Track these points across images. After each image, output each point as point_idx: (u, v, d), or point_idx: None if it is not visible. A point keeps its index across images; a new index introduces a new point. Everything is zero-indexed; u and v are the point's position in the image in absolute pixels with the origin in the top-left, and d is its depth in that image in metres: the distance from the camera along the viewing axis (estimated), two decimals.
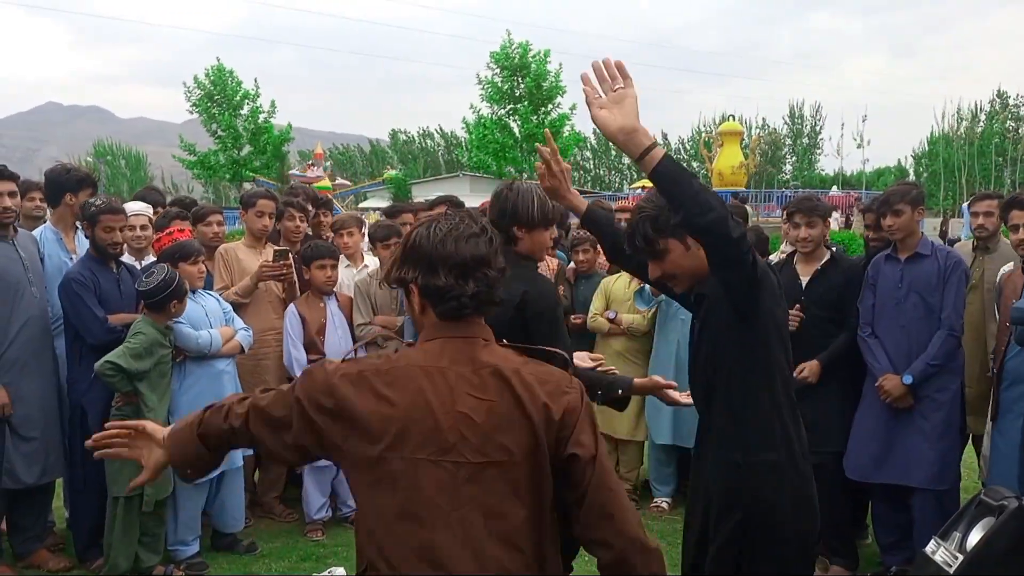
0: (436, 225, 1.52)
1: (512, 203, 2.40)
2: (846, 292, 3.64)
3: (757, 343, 2.04)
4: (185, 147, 31.37)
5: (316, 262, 4.11)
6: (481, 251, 1.50)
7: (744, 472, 2.04)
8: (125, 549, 3.38)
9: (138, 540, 3.46)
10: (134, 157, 51.48)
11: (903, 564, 3.46)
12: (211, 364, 3.63)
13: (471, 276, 1.48)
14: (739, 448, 2.05)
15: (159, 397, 3.42)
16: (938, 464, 3.35)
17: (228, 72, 31.14)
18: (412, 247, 1.52)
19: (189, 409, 3.52)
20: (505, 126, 28.87)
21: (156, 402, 3.39)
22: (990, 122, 37.28)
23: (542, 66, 28.51)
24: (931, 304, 3.39)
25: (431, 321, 1.52)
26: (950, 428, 3.39)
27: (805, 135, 45.94)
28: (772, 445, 2.03)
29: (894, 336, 3.46)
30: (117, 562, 3.37)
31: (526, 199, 2.40)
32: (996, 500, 2.94)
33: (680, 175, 1.80)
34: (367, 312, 4.35)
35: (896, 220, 3.45)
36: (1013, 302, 3.17)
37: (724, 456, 2.08)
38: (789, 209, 3.74)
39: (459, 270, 1.47)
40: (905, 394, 3.38)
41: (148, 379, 3.36)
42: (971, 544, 2.91)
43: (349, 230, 4.74)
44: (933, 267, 3.41)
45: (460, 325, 1.50)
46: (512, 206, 2.40)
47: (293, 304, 4.15)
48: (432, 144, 56.41)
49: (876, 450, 3.45)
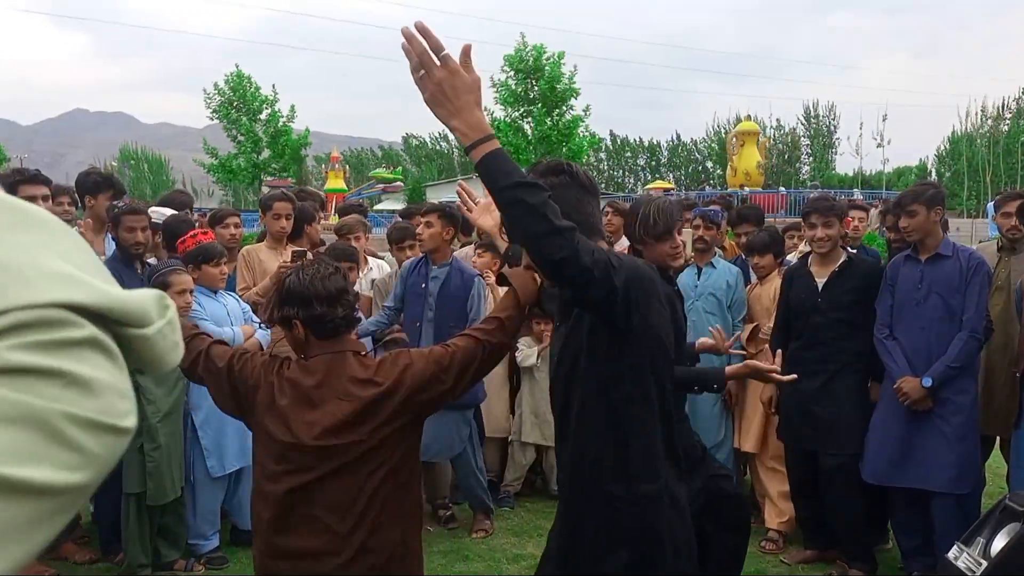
0: (302, 272, 1.98)
1: (642, 215, 2.51)
2: (866, 294, 3.60)
3: (634, 363, 1.77)
4: (208, 151, 31.76)
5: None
6: (341, 284, 1.99)
7: (625, 506, 1.77)
8: (141, 544, 3.42)
9: (157, 535, 3.52)
10: (157, 161, 52.14)
11: (925, 570, 3.39)
12: None
13: (338, 303, 1.96)
14: (619, 479, 1.78)
15: (166, 391, 3.42)
16: (958, 467, 3.29)
17: (247, 78, 31.48)
18: (288, 291, 1.97)
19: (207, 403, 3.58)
20: (519, 128, 28.86)
21: (160, 396, 3.39)
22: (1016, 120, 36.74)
23: (556, 68, 28.47)
24: (952, 306, 3.32)
25: (312, 343, 1.99)
26: (970, 431, 3.33)
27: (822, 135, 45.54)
28: (654, 475, 1.78)
29: (913, 337, 3.40)
30: (134, 556, 3.43)
31: (647, 212, 2.50)
32: (1021, 505, 2.88)
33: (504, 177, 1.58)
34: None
35: (911, 221, 3.39)
36: None
37: (600, 488, 1.80)
38: (805, 209, 3.71)
39: (329, 301, 1.95)
40: (924, 397, 3.32)
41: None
42: (995, 550, 2.86)
43: (356, 235, 4.77)
44: (955, 268, 3.34)
45: (336, 342, 1.99)
46: (641, 217, 2.51)
47: None
48: (447, 147, 56.60)
49: (894, 453, 3.40)
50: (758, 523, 4.27)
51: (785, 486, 3.94)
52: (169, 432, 3.42)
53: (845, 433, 3.54)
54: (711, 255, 4.37)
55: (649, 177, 49.67)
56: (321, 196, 5.87)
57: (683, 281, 4.37)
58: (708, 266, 4.34)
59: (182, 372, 2.11)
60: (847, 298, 3.58)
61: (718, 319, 4.27)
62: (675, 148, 54.91)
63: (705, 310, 4.28)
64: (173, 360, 0.62)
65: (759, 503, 4.31)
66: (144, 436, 3.35)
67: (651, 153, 55.95)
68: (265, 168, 31.55)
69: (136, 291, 0.58)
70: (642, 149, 56.30)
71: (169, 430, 3.42)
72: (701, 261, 4.37)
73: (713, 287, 4.29)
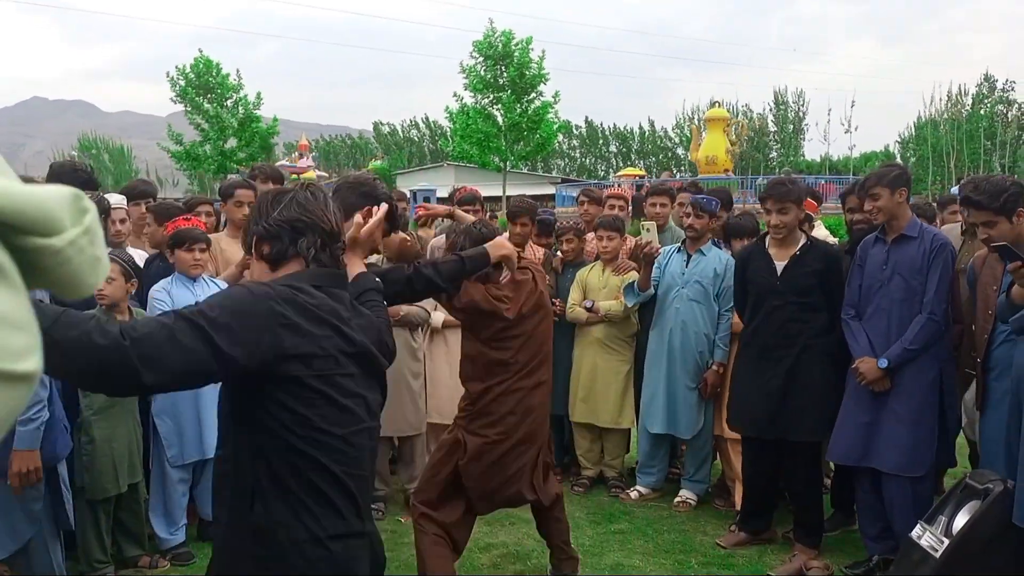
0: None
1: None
2: (826, 277, 3.60)
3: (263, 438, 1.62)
4: (173, 137, 31.09)
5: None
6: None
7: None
8: (96, 540, 3.33)
9: (116, 531, 3.45)
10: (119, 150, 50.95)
11: (886, 553, 3.42)
12: None
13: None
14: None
15: None
16: (911, 450, 3.29)
17: (213, 64, 30.86)
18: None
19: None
20: (488, 115, 28.69)
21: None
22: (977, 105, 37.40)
23: (525, 54, 28.30)
24: (913, 287, 3.33)
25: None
26: (926, 413, 3.31)
27: (790, 121, 45.96)
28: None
29: (876, 319, 3.42)
30: (88, 552, 3.34)
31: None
32: (982, 484, 2.93)
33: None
34: None
35: (874, 203, 3.41)
36: (994, 289, 3.12)
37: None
38: (761, 195, 3.68)
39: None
40: (881, 378, 3.33)
41: None
42: (957, 528, 2.90)
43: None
44: (919, 250, 3.35)
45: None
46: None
47: None
48: (417, 134, 56.11)
49: (857, 435, 3.41)
50: (727, 506, 4.31)
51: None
52: (110, 427, 3.31)
53: (814, 419, 3.55)
54: (702, 243, 4.35)
55: (620, 165, 49.75)
56: (279, 171, 5.72)
57: (671, 267, 4.36)
58: (698, 253, 4.33)
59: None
60: (807, 282, 3.58)
61: (704, 307, 4.27)
62: (645, 136, 55.05)
63: (691, 298, 4.26)
64: (93, 282, 0.49)
65: (729, 486, 4.34)
66: (80, 430, 3.27)
67: (622, 140, 56.04)
68: (232, 157, 31.00)
69: (43, 187, 0.45)
70: (614, 136, 56.37)
71: (109, 424, 3.32)
72: (691, 248, 4.36)
73: (700, 275, 4.27)
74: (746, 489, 3.90)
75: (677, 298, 4.28)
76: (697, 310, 4.24)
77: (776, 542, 3.85)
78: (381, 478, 4.33)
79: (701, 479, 4.42)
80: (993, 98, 38.99)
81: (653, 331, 4.40)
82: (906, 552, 3.04)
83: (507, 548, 3.75)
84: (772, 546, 3.82)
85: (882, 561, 3.43)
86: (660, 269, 4.32)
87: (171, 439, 3.56)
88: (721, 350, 4.21)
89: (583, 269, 4.65)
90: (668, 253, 4.38)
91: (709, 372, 4.22)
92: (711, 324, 4.24)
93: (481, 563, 3.59)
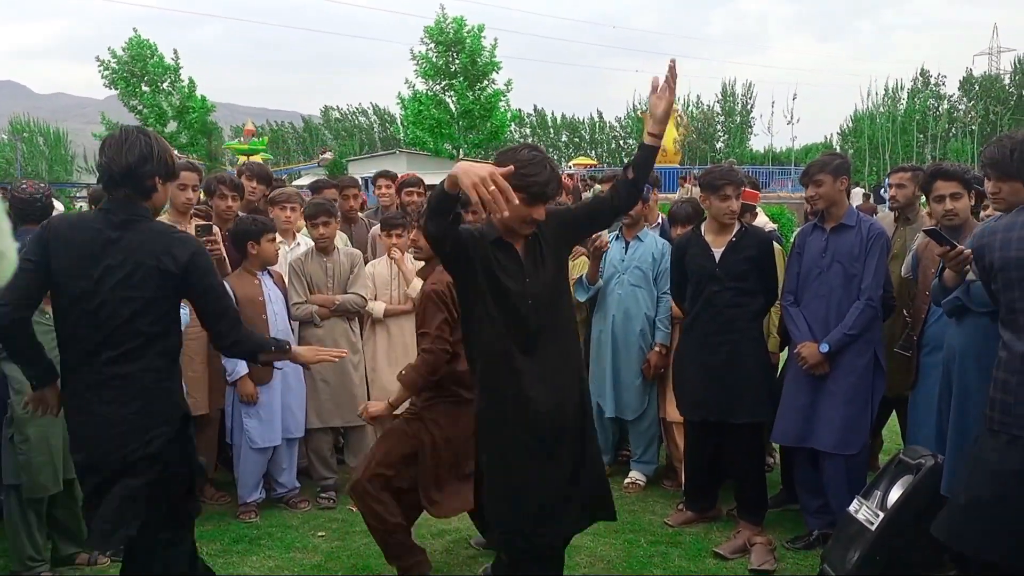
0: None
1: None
2: (760, 262, 3.70)
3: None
4: (107, 124, 29.94)
5: (267, 235, 4.04)
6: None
7: None
8: (28, 538, 3.22)
9: (51, 528, 3.35)
10: (53, 135, 48.87)
11: (825, 528, 3.56)
12: None
13: None
14: None
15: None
16: (844, 430, 3.43)
17: (148, 45, 29.77)
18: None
19: None
20: (440, 102, 28.49)
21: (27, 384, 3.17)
22: (911, 100, 38.70)
23: (477, 41, 28.18)
24: (852, 274, 3.45)
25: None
26: (859, 395, 3.45)
27: (737, 113, 46.84)
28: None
29: (816, 305, 3.53)
30: (20, 550, 3.22)
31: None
32: (914, 459, 3.07)
33: None
34: (303, 291, 4.27)
35: (817, 190, 3.52)
36: (932, 272, 3.27)
37: None
38: (718, 180, 3.66)
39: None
40: (821, 362, 3.46)
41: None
42: (891, 501, 3.04)
43: (292, 204, 4.61)
44: (856, 238, 3.47)
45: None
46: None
47: (225, 280, 4.01)
48: (366, 121, 55.33)
49: (796, 417, 3.54)
50: (675, 486, 4.41)
51: None
52: (44, 422, 3.11)
53: (754, 400, 3.66)
54: (638, 229, 4.43)
55: (572, 153, 50.00)
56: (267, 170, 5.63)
57: (611, 255, 4.42)
58: (635, 240, 4.41)
59: None
60: (743, 267, 3.66)
61: (644, 292, 4.36)
62: (594, 125, 55.40)
63: (631, 283, 4.34)
64: None
65: (675, 467, 4.45)
66: (13, 428, 3.15)
67: (572, 130, 56.29)
68: (173, 142, 30.06)
69: None
70: (564, 125, 56.57)
71: (44, 420, 3.10)
72: (628, 235, 4.43)
73: (639, 261, 4.36)
74: (689, 470, 4.00)
75: (618, 284, 4.37)
76: (639, 295, 4.34)
77: (721, 520, 3.96)
78: (328, 466, 4.31)
79: (649, 459, 4.51)
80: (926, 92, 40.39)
81: (596, 317, 4.48)
82: (844, 526, 3.17)
83: (460, 534, 3.77)
84: (717, 523, 3.93)
85: (821, 536, 3.56)
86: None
87: None
88: (662, 332, 4.32)
89: None
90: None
91: (652, 353, 4.31)
92: (652, 307, 4.35)
93: (434, 548, 3.61)
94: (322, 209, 4.33)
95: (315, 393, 4.22)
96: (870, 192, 21.80)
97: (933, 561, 3.03)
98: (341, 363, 3.78)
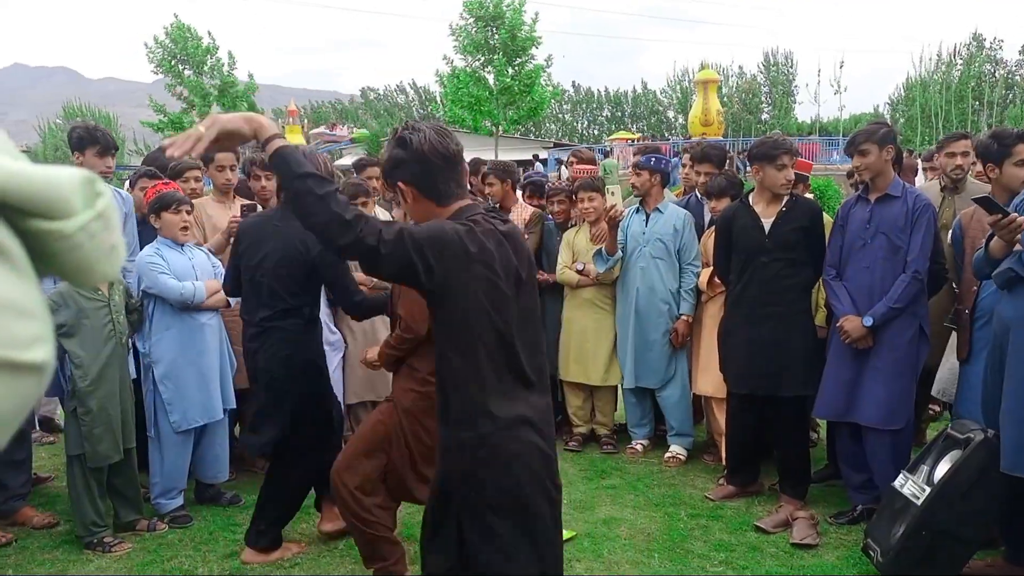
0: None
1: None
2: (810, 233, 3.65)
3: (446, 320, 1.87)
4: (155, 108, 30.58)
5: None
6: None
7: (444, 451, 1.94)
8: (91, 504, 3.38)
9: (112, 496, 3.50)
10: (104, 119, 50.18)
11: (869, 503, 3.52)
12: (193, 316, 3.64)
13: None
14: (445, 424, 1.92)
15: (92, 353, 3.32)
16: (889, 404, 3.38)
17: (188, 28, 30.21)
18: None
19: (167, 357, 3.56)
20: (480, 79, 28.36)
21: (87, 360, 3.31)
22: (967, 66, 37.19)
23: (517, 15, 27.90)
24: (897, 246, 3.38)
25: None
26: (904, 369, 3.39)
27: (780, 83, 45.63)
28: (470, 424, 1.86)
29: (859, 277, 3.47)
30: (84, 515, 3.38)
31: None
32: (963, 433, 3.01)
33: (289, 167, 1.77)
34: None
35: (863, 160, 3.44)
36: (981, 241, 3.17)
37: (441, 434, 1.96)
38: (773, 151, 3.62)
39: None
40: (865, 335, 3.40)
41: (77, 335, 3.29)
42: (938, 476, 2.99)
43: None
44: (902, 209, 3.39)
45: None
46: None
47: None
48: (404, 100, 55.45)
49: (841, 391, 3.49)
50: (715, 460, 4.41)
51: None
52: (104, 395, 3.33)
53: (802, 373, 3.63)
54: (658, 200, 4.40)
55: (612, 128, 49.45)
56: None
57: (631, 228, 4.43)
58: (656, 211, 4.40)
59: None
60: (794, 237, 3.63)
61: (666, 264, 4.35)
62: (638, 99, 54.62)
63: (653, 255, 4.35)
64: (107, 270, 0.45)
65: (716, 441, 4.44)
66: (75, 400, 3.30)
67: (616, 103, 55.60)
68: None
69: (52, 168, 0.41)
70: (607, 100, 55.90)
71: (104, 392, 3.34)
72: (648, 207, 4.41)
73: (660, 233, 4.36)
74: (730, 445, 3.98)
75: (640, 257, 4.38)
76: (661, 266, 4.34)
77: (763, 494, 3.95)
78: None
79: (685, 432, 4.51)
80: (981, 57, 38.75)
81: (620, 292, 4.50)
82: (889, 501, 3.13)
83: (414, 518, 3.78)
84: (759, 498, 3.92)
85: (866, 511, 3.53)
86: (623, 232, 4.38)
87: (174, 404, 3.60)
88: (687, 302, 4.32)
89: (570, 231, 4.69)
90: (628, 215, 4.45)
91: (679, 322, 4.31)
92: (675, 279, 4.35)
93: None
94: (361, 190, 4.38)
95: (352, 371, 4.30)
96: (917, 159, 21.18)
97: (982, 536, 2.98)
98: (373, 340, 3.83)
